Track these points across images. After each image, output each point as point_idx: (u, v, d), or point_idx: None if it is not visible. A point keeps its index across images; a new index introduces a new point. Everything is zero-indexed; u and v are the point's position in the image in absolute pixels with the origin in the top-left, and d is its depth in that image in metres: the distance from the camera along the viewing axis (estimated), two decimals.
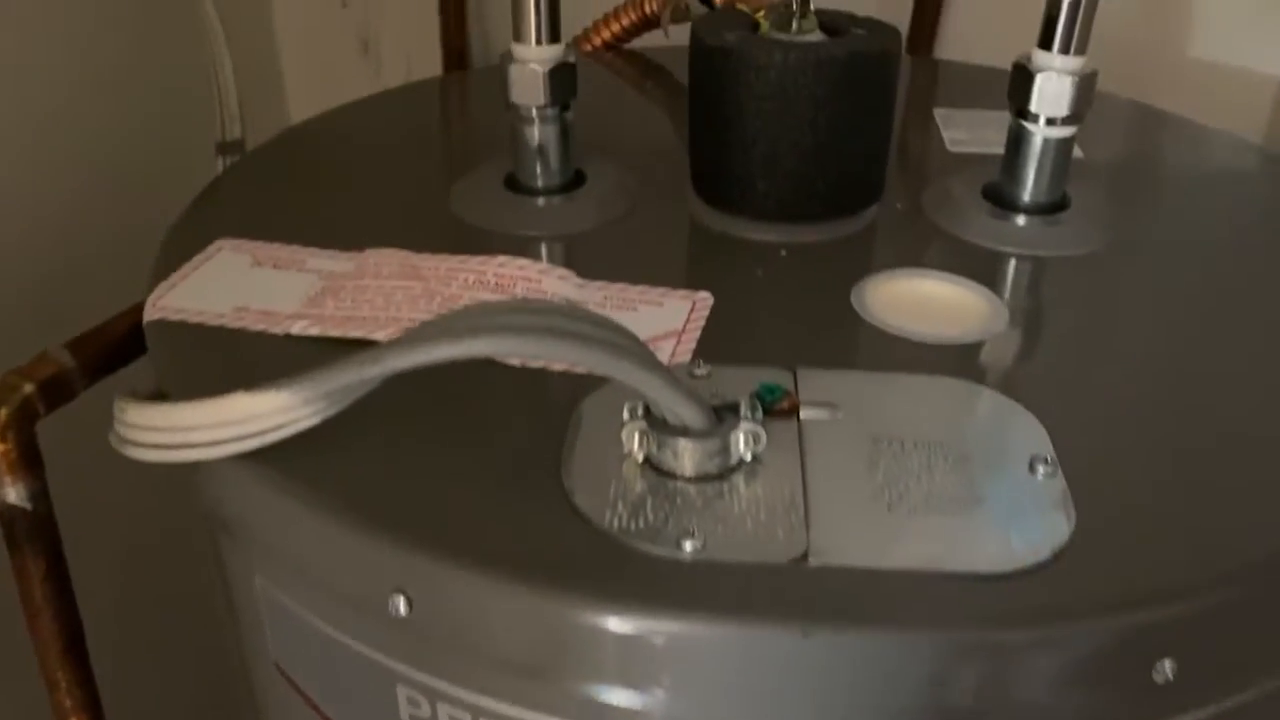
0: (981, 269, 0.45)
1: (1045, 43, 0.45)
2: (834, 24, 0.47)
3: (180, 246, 0.47)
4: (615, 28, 0.71)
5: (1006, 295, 0.43)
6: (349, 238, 0.47)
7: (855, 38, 0.45)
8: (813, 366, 0.38)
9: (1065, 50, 0.45)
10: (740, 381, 0.36)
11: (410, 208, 0.51)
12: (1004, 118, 0.48)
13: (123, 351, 0.48)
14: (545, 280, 0.43)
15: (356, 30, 1.00)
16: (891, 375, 0.37)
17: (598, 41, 0.72)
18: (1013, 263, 0.46)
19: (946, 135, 0.57)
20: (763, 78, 0.44)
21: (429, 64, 0.94)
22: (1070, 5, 0.44)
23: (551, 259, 0.47)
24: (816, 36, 0.46)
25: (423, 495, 0.33)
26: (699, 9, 0.67)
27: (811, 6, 0.46)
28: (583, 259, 0.47)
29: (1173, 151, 0.58)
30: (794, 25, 0.46)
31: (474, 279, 0.43)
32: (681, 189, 0.50)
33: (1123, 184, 0.53)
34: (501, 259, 0.44)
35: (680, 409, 0.32)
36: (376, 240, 0.46)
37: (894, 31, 0.47)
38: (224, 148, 0.80)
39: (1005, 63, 0.47)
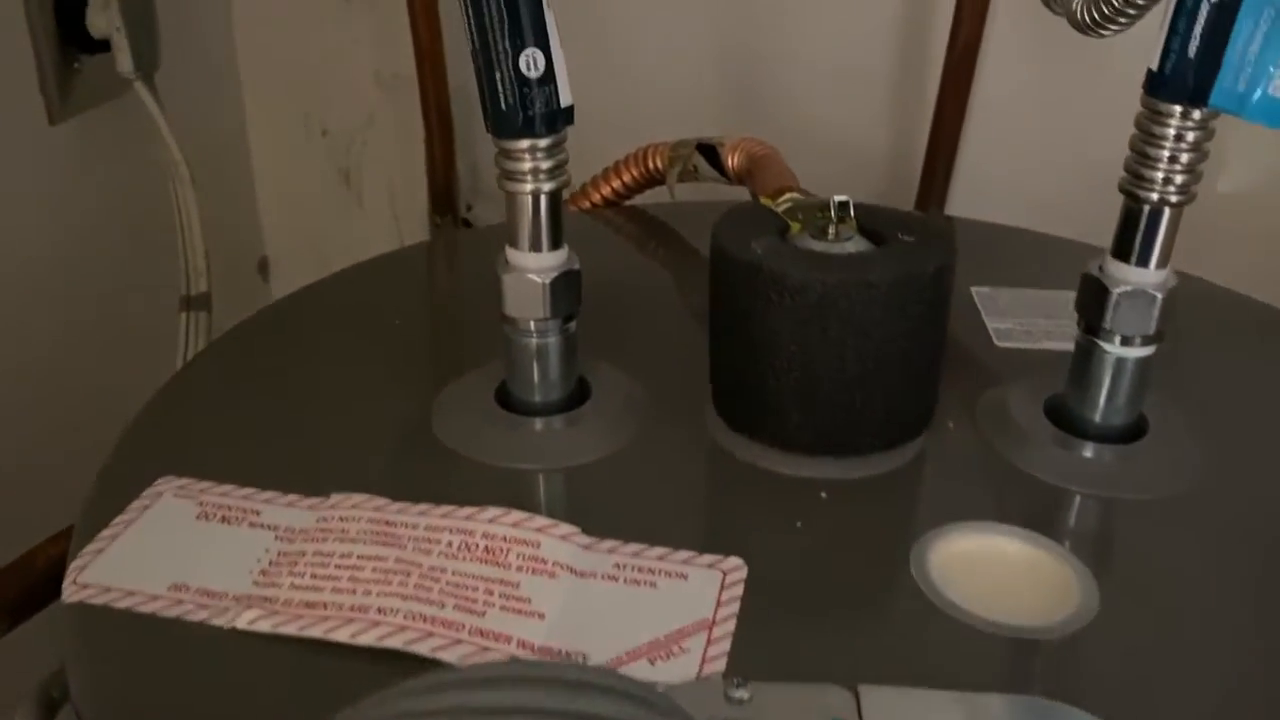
0: (1054, 516, 0.39)
1: (1122, 253, 0.40)
2: (875, 226, 0.41)
3: (120, 476, 0.41)
4: (616, 183, 0.65)
5: (1091, 558, 0.36)
6: (313, 468, 0.40)
7: (905, 251, 0.39)
8: (874, 680, 0.31)
9: (1145, 264, 0.39)
10: (790, 709, 0.29)
11: (386, 426, 0.44)
12: (1052, 300, 0.42)
13: (51, 586, 0.41)
14: (545, 543, 0.36)
15: (336, 160, 0.95)
16: (976, 698, 0.30)
17: (597, 198, 0.66)
18: (1083, 505, 0.40)
19: (990, 325, 0.51)
20: (800, 300, 0.38)
21: (414, 195, 0.89)
22: (1151, 213, 0.39)
23: (550, 500, 0.40)
24: (857, 244, 0.40)
25: None
26: (709, 171, 0.61)
27: (851, 210, 0.40)
28: (588, 500, 0.40)
29: (1244, 344, 0.52)
30: (831, 231, 0.40)
31: (459, 543, 0.36)
32: (699, 400, 0.44)
33: (1200, 395, 0.46)
34: (492, 513, 0.37)
35: None
36: (345, 473, 0.40)
37: (947, 237, 0.41)
38: (189, 302, 0.73)
39: (1018, 206, 0.41)
